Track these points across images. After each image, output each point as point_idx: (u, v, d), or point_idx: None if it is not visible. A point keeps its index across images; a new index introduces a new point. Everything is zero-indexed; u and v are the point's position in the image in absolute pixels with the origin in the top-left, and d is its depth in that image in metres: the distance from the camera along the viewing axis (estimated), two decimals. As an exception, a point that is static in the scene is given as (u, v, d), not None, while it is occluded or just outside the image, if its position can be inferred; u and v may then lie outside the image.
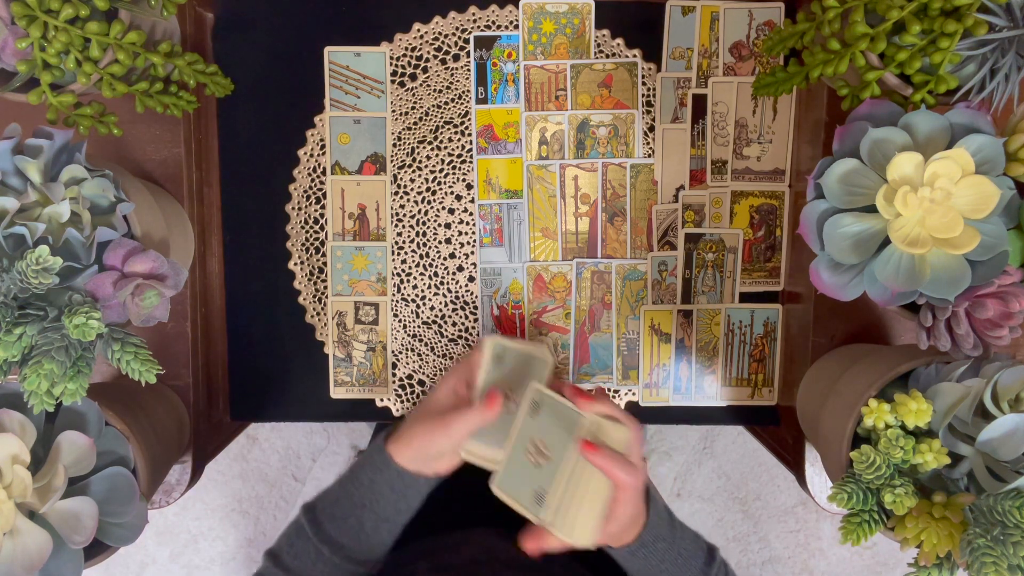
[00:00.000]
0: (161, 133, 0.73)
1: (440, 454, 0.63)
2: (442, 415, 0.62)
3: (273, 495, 1.67)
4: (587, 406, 0.60)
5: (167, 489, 0.76)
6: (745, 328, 0.80)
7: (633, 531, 0.61)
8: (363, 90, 0.78)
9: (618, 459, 0.57)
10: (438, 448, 0.62)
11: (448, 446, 0.62)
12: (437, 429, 0.61)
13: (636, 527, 0.61)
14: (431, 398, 0.65)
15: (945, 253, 0.50)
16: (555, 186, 0.79)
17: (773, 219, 0.79)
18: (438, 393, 0.65)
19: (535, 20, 0.77)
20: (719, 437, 1.67)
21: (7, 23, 0.55)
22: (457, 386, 0.65)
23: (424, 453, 0.63)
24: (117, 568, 1.67)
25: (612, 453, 0.58)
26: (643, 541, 0.61)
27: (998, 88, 0.54)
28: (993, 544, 0.50)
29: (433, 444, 0.62)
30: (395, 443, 0.64)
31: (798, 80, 0.61)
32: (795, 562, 1.70)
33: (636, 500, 0.59)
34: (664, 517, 0.63)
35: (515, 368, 0.65)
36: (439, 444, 0.62)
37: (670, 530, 0.63)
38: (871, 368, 0.63)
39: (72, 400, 0.54)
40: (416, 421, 0.64)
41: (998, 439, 0.53)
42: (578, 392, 0.62)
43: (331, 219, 0.79)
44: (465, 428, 0.61)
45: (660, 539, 0.62)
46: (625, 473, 0.57)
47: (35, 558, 0.54)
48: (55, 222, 0.53)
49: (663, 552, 0.62)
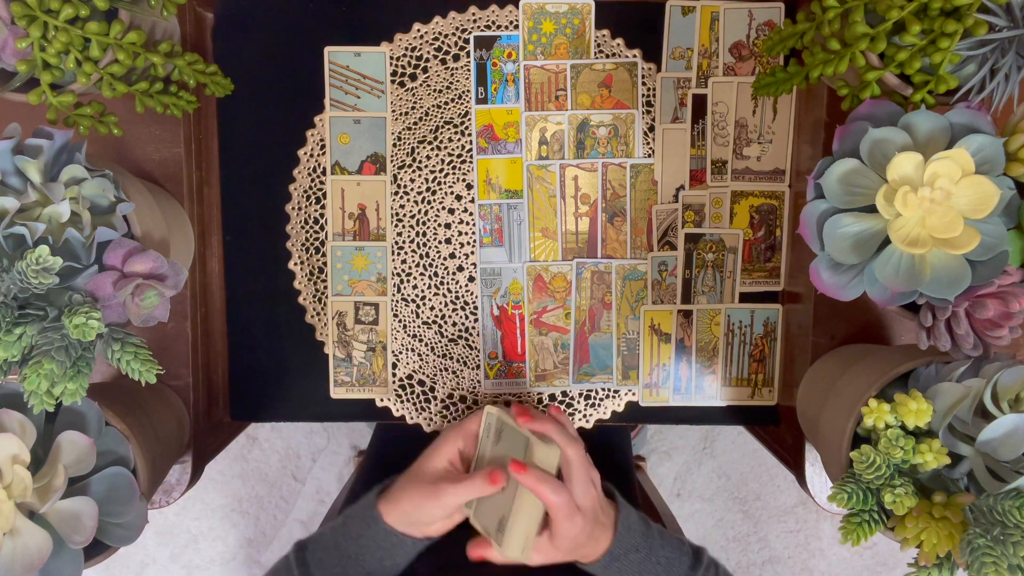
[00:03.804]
0: (161, 133, 0.73)
1: (430, 521, 0.63)
2: (434, 483, 0.62)
3: (273, 495, 1.67)
4: (524, 424, 0.62)
5: (167, 489, 0.76)
6: (745, 328, 0.80)
7: (599, 546, 0.62)
8: (363, 90, 0.78)
9: (544, 478, 0.59)
10: (428, 515, 0.62)
11: (439, 515, 0.62)
12: (429, 497, 0.62)
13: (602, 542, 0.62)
14: (425, 463, 0.65)
15: (945, 253, 0.50)
16: (555, 186, 0.79)
17: (773, 219, 0.79)
18: (433, 459, 0.65)
19: (535, 20, 0.77)
20: (719, 437, 1.67)
21: (7, 23, 0.55)
22: (451, 455, 0.65)
23: (413, 518, 0.63)
24: (117, 568, 1.67)
25: (538, 472, 0.59)
26: (613, 555, 0.62)
27: (998, 88, 0.54)
28: (993, 544, 0.50)
29: (423, 511, 0.62)
30: (386, 502, 0.64)
31: (798, 80, 0.61)
32: (795, 562, 1.70)
33: (572, 517, 0.59)
34: (636, 528, 0.63)
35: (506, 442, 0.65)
36: (429, 512, 0.62)
37: (644, 539, 0.63)
38: (871, 368, 0.63)
39: (72, 400, 0.54)
40: (408, 484, 0.64)
41: (998, 439, 0.53)
42: (520, 411, 0.63)
43: (331, 219, 0.79)
44: (458, 499, 0.61)
45: (633, 550, 0.62)
46: (551, 492, 0.58)
47: (35, 558, 0.54)
48: (55, 222, 0.53)
49: (639, 563, 0.63)
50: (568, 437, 0.62)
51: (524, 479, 0.59)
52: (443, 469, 0.64)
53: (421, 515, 0.62)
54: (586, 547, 0.62)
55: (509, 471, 0.59)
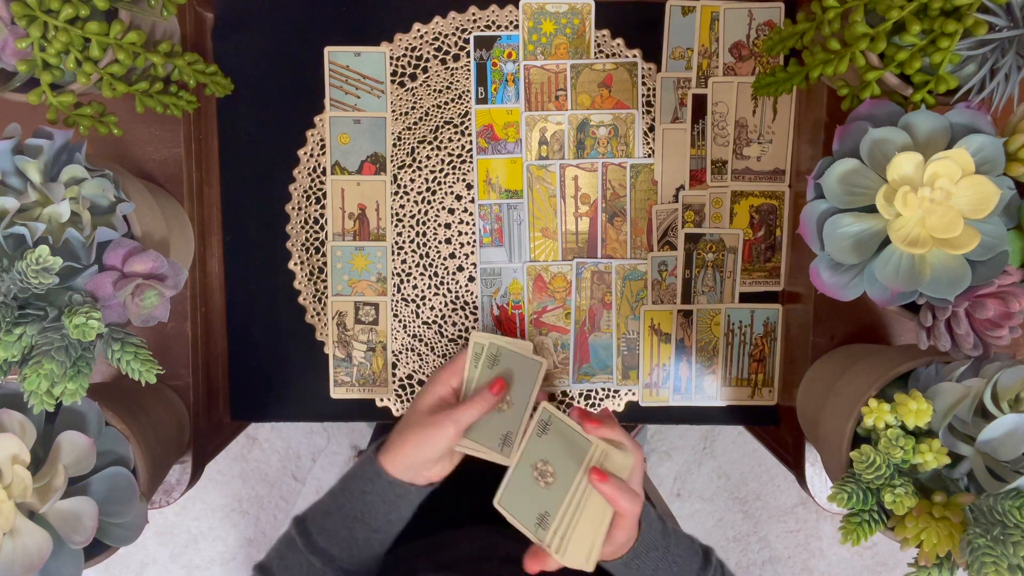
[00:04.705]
0: (161, 133, 0.73)
1: (435, 457, 0.63)
2: (432, 417, 0.62)
3: (273, 495, 1.67)
4: (594, 431, 0.60)
5: (167, 489, 0.76)
6: (745, 328, 0.80)
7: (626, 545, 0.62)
8: (363, 90, 0.78)
9: (624, 488, 0.58)
10: (433, 450, 0.62)
11: (444, 446, 0.62)
12: (429, 431, 0.61)
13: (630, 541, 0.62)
14: (416, 406, 0.65)
15: (945, 253, 0.50)
16: (555, 186, 0.79)
17: (773, 219, 0.79)
18: (423, 399, 0.65)
19: (535, 20, 0.77)
20: (719, 437, 1.67)
21: (7, 23, 0.55)
22: (442, 390, 0.65)
23: (417, 460, 0.63)
24: (117, 568, 1.67)
25: (619, 482, 0.58)
26: (636, 552, 0.62)
27: (998, 88, 0.54)
28: (993, 544, 0.50)
29: (426, 446, 0.62)
30: (385, 453, 0.64)
31: (798, 80, 0.61)
32: (795, 562, 1.70)
33: (634, 524, 0.60)
34: (656, 527, 0.64)
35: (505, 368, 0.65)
36: (432, 446, 0.62)
37: (663, 538, 0.64)
38: (871, 368, 0.63)
39: (72, 400, 0.54)
40: (405, 429, 0.64)
41: (998, 439, 0.53)
42: (585, 415, 0.61)
43: (331, 219, 0.79)
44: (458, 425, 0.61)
45: (653, 548, 0.63)
46: (628, 502, 0.58)
47: (35, 558, 0.54)
48: (55, 222, 0.53)
49: (656, 561, 0.63)
50: (635, 441, 0.62)
51: (605, 489, 0.57)
52: (436, 405, 0.65)
53: (425, 452, 0.62)
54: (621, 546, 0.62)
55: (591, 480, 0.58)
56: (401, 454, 0.63)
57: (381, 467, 0.63)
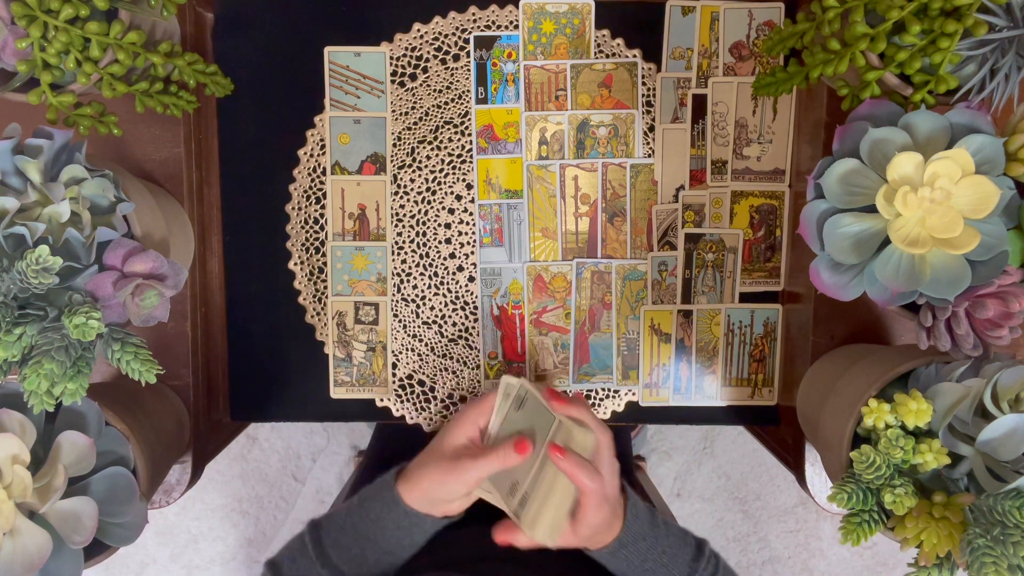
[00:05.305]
0: (161, 133, 0.73)
1: (452, 498, 0.63)
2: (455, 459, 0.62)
3: (273, 495, 1.67)
4: (560, 408, 0.62)
5: (167, 489, 0.76)
6: (745, 328, 0.80)
7: (610, 533, 0.62)
8: (363, 90, 0.78)
9: (582, 464, 0.59)
10: (450, 492, 0.62)
11: (461, 491, 0.62)
12: (450, 473, 0.61)
13: (613, 529, 0.62)
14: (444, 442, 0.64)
15: (945, 253, 0.50)
16: (555, 186, 0.79)
17: (773, 219, 0.79)
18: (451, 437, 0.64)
19: (535, 20, 0.77)
20: (719, 437, 1.67)
21: (7, 23, 0.55)
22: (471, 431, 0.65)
23: (434, 496, 0.62)
24: (117, 568, 1.67)
25: (577, 458, 0.59)
26: (622, 542, 0.62)
27: (998, 88, 0.54)
28: (993, 544, 0.50)
29: (445, 488, 0.62)
30: (405, 483, 0.64)
31: (798, 80, 0.61)
32: (795, 562, 1.70)
33: (601, 505, 0.60)
34: (644, 517, 0.64)
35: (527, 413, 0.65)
36: (451, 488, 0.61)
37: (651, 528, 0.64)
38: (871, 368, 0.63)
39: (72, 400, 0.54)
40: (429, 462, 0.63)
41: (998, 439, 0.53)
42: (553, 394, 0.63)
43: (331, 219, 0.79)
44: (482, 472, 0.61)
45: (640, 539, 0.63)
46: (588, 478, 0.59)
47: (35, 558, 0.54)
48: (55, 222, 0.53)
49: (645, 551, 0.63)
50: (602, 424, 0.63)
51: (563, 464, 0.59)
52: (463, 445, 0.64)
53: (443, 492, 0.62)
54: (602, 534, 0.62)
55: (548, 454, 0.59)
56: (420, 488, 0.63)
57: (398, 495, 0.63)
